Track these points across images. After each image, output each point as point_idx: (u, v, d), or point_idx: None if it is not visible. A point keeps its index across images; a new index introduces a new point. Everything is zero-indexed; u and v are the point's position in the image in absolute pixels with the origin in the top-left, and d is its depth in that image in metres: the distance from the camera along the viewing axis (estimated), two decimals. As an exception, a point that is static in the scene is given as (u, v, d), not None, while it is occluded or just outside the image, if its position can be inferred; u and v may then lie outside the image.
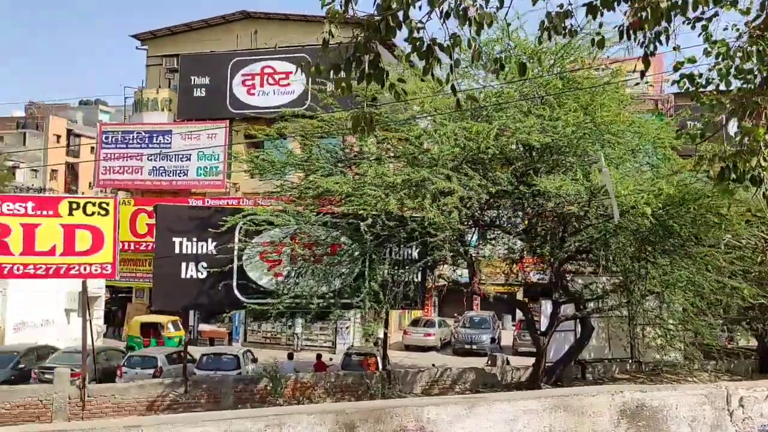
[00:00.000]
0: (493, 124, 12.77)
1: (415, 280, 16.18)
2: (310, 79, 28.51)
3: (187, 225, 15.73)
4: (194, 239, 15.74)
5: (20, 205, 14.86)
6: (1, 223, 14.61)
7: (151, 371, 19.44)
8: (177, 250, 15.60)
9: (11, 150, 47.65)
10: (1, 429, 12.20)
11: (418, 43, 5.41)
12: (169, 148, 30.22)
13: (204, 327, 30.44)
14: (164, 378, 17.56)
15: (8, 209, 14.76)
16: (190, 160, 30.09)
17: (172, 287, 15.71)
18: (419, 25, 5.33)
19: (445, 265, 18.09)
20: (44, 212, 14.93)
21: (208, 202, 28.15)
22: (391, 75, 5.80)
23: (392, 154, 15.18)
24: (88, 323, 15.48)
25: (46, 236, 14.85)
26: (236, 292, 15.93)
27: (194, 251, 15.72)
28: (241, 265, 15.85)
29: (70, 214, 15.07)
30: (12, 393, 14.43)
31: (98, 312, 27.22)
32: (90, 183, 58.14)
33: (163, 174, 30.40)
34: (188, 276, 15.66)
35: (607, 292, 16.40)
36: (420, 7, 5.46)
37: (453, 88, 5.80)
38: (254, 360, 21.28)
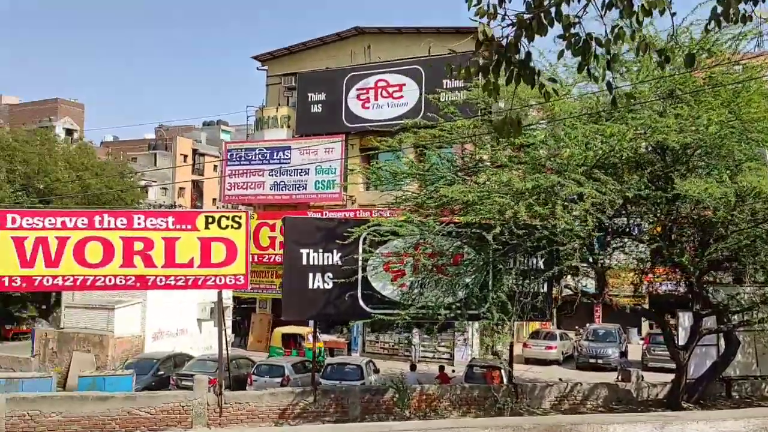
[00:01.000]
0: (628, 124, 12.10)
1: (542, 290, 15.66)
2: (423, 90, 28.85)
3: (313, 237, 16.13)
4: (320, 250, 16.10)
5: (162, 220, 15.80)
6: (146, 237, 15.59)
7: (279, 379, 20.05)
8: (304, 262, 16.02)
9: (144, 170, 51.28)
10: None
11: (573, 39, 5.16)
12: (289, 163, 31.29)
13: (324, 337, 31.06)
14: (292, 386, 18.03)
15: (151, 224, 15.74)
16: (308, 174, 30.99)
17: (300, 298, 16.13)
18: (575, 20, 5.08)
19: (568, 276, 17.39)
20: (183, 226, 15.80)
21: (326, 214, 28.83)
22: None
23: (517, 161, 14.75)
24: (223, 332, 16.16)
25: (185, 249, 15.69)
26: (361, 302, 16.12)
27: (320, 262, 16.07)
28: (366, 275, 16.03)
29: (206, 227, 15.84)
30: (155, 398, 15.27)
31: (227, 322, 28.46)
32: (214, 199, 61.44)
33: (284, 188, 31.48)
34: (315, 286, 16.03)
35: (756, 303, 15.08)
36: (569, 2, 5.20)
37: (609, 84, 5.48)
38: (376, 370, 21.43)
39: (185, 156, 60.30)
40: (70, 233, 15.38)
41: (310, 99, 31.82)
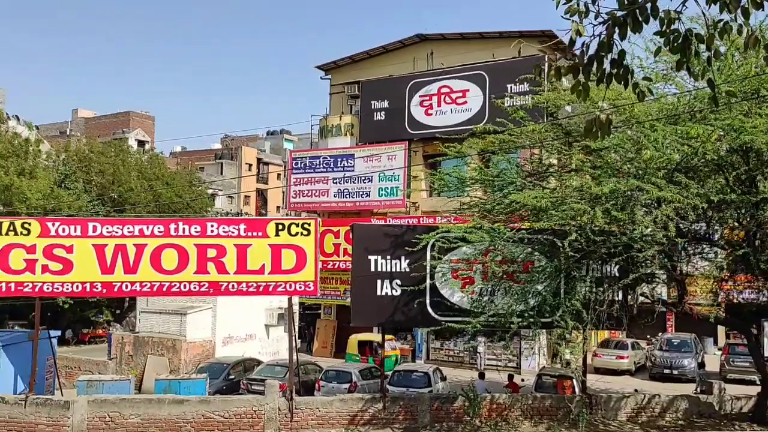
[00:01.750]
0: (712, 125, 11.60)
1: (617, 298, 15.17)
2: (486, 95, 28.56)
3: (381, 243, 16.13)
4: (388, 257, 16.10)
5: (234, 228, 16.14)
6: (219, 244, 15.96)
7: (346, 386, 20.11)
8: (372, 268, 16.05)
9: (211, 179, 52.66)
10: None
11: (673, 36, 4.95)
12: (353, 171, 31.50)
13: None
14: (360, 393, 18.03)
15: (224, 231, 16.09)
16: (371, 181, 31.10)
17: (369, 304, 16.15)
18: (675, 15, 4.87)
19: (643, 283, 16.79)
20: (254, 233, 16.09)
21: (389, 221, 28.86)
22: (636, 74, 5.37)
23: (590, 165, 14.36)
24: (293, 338, 16.33)
25: (257, 256, 15.97)
26: (429, 309, 16.01)
27: (388, 269, 16.06)
28: (434, 282, 15.92)
29: (277, 234, 16.09)
30: (229, 402, 15.53)
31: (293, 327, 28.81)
32: (278, 207, 62.59)
33: (347, 196, 31.70)
34: (383, 293, 16.03)
35: None
36: (663, -3, 4.99)
37: (710, 82, 5.23)
38: (443, 378, 21.22)
39: (250, 165, 61.64)
40: (147, 241, 15.91)
41: (373, 107, 31.98)
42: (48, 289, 15.60)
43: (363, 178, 31.18)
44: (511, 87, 26.69)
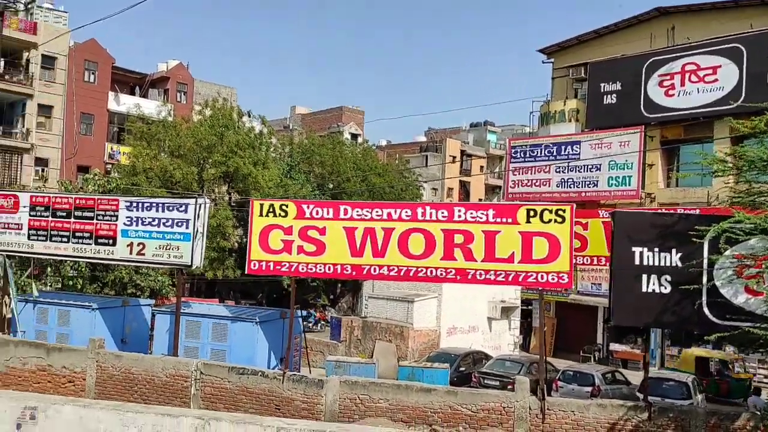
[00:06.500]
0: None
1: None
2: (743, 71, 25.00)
3: (647, 233, 14.30)
4: (656, 249, 14.23)
5: (482, 213, 15.34)
6: (466, 230, 15.27)
7: (588, 389, 18.60)
8: (637, 261, 14.29)
9: (418, 170, 53.25)
10: None
11: None
12: (578, 158, 29.50)
13: (616, 347, 28.72)
14: (602, 397, 16.44)
15: (471, 216, 15.36)
16: (600, 170, 28.89)
17: (632, 302, 14.40)
18: None
19: None
20: (503, 219, 15.14)
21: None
22: None
23: None
24: (543, 334, 15.17)
25: (505, 243, 15.02)
26: (706, 311, 13.89)
27: (656, 263, 14.19)
28: (712, 279, 13.78)
29: (528, 221, 15.00)
30: (476, 396, 14.81)
31: (515, 322, 27.72)
32: (479, 199, 61.79)
33: (572, 185, 29.77)
34: (650, 290, 14.20)
35: None
36: None
37: None
38: (702, 390, 18.77)
39: (453, 157, 61.43)
40: (394, 224, 15.69)
41: (602, 89, 29.67)
42: (303, 269, 16.02)
43: (590, 166, 29.06)
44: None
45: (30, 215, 18.91)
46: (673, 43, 28.25)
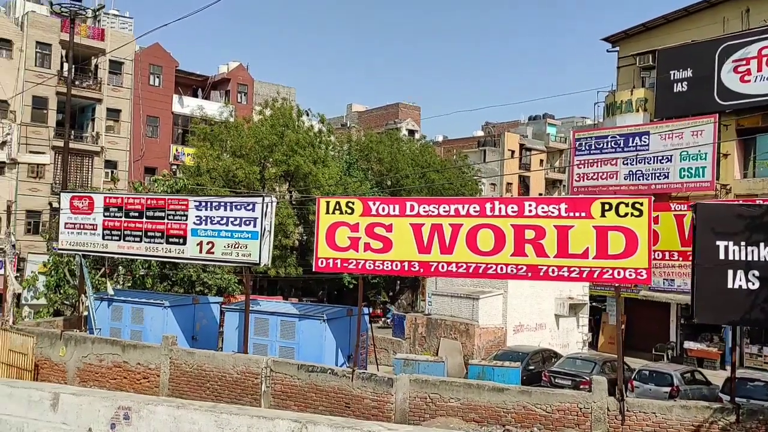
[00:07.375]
0: None
1: None
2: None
3: (734, 226, 13.56)
4: (742, 243, 13.48)
5: (554, 207, 14.86)
6: (538, 225, 14.82)
7: (666, 389, 17.86)
8: (722, 256, 13.57)
9: (477, 165, 52.53)
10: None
11: None
12: (647, 150, 28.41)
13: (690, 345, 27.57)
14: (682, 398, 15.70)
15: (542, 211, 14.91)
16: (671, 161, 27.73)
17: (717, 298, 13.68)
18: None
19: None
20: (577, 214, 14.64)
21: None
22: None
23: None
24: (620, 333, 14.60)
25: (579, 238, 14.52)
26: (799, 307, 13.09)
27: (743, 257, 13.45)
28: (804, 275, 12.96)
29: (603, 215, 14.46)
30: (551, 396, 14.37)
31: (583, 320, 26.94)
32: (540, 193, 60.55)
33: (641, 178, 28.69)
34: (736, 286, 13.47)
35: None
36: None
37: None
38: (790, 391, 17.72)
39: (512, 152, 60.41)
40: (462, 220, 15.39)
41: (672, 77, 28.49)
42: (370, 266, 15.92)
43: (660, 157, 27.92)
44: None
45: (104, 216, 19.46)
46: (748, 27, 26.86)
